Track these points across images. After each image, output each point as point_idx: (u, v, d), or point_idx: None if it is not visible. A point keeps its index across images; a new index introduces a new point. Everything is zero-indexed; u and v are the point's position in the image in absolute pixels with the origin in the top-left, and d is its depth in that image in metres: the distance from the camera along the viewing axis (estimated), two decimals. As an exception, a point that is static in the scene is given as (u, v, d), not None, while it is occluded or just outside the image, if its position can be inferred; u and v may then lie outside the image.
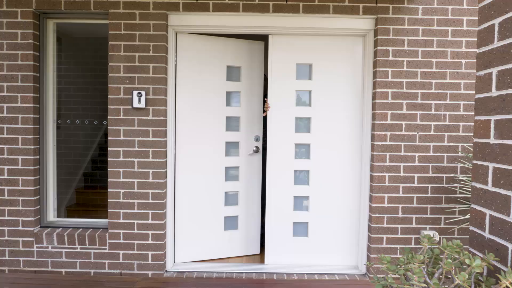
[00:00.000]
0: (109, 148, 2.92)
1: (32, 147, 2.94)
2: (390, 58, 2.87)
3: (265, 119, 3.41)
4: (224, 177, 3.28)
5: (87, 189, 4.63)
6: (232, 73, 3.28)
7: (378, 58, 2.87)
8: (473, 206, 1.25)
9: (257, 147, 3.31)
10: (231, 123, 3.30)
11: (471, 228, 1.27)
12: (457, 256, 1.08)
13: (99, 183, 4.50)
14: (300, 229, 3.16)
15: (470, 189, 2.74)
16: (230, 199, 3.35)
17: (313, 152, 3.09)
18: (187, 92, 3.09)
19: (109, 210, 2.94)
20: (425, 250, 1.13)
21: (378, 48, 2.87)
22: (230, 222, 3.35)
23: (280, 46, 3.05)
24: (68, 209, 3.86)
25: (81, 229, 3.05)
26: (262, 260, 3.25)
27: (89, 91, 4.40)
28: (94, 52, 4.07)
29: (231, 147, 3.33)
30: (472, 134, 2.90)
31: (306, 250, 3.15)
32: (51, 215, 3.15)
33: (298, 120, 3.11)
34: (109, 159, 2.92)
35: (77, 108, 4.42)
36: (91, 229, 3.04)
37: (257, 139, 3.33)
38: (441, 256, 1.15)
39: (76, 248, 2.96)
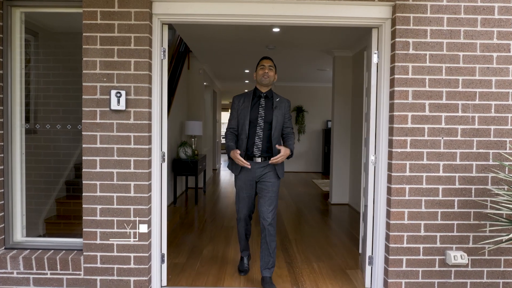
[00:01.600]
0: (83, 157, 2.51)
1: (-6, 156, 2.53)
2: (411, 51, 2.47)
3: None
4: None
5: (69, 199, 4.21)
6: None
7: (396, 52, 2.47)
8: None
9: None
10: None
11: None
12: None
13: (82, 193, 4.08)
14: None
15: (504, 203, 2.35)
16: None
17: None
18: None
19: (84, 229, 2.52)
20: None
21: (397, 39, 2.47)
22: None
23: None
24: (47, 222, 3.43)
25: (52, 251, 2.63)
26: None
27: (71, 91, 3.95)
28: (77, 49, 3.65)
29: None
30: (506, 139, 2.50)
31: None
32: (18, 234, 2.73)
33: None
34: (83, 170, 2.51)
35: (57, 111, 3.98)
36: (64, 251, 2.62)
37: None
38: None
39: (46, 274, 2.54)
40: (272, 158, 2.61)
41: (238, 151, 2.61)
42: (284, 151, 2.63)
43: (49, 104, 4.00)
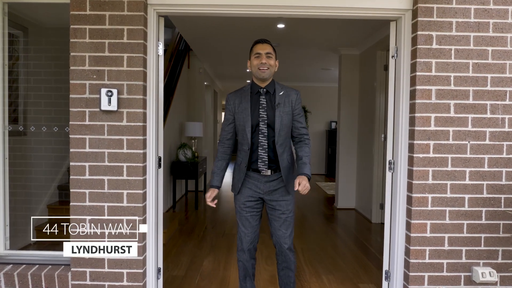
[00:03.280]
0: (71, 163, 2.27)
1: (-27, 161, 2.28)
2: (434, 46, 2.23)
3: None
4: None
5: (62, 205, 3.96)
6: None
7: (418, 46, 2.23)
8: None
9: None
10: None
11: None
12: None
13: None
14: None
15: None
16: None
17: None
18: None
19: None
20: None
21: (419, 33, 2.23)
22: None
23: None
24: (38, 230, 3.19)
25: (37, 266, 2.39)
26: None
27: (63, 90, 3.67)
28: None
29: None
30: (539, 143, 2.26)
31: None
32: (1, 247, 2.50)
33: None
34: (71, 177, 2.27)
35: (49, 111, 3.74)
36: (50, 266, 2.38)
37: None
38: None
39: (30, 292, 2.30)
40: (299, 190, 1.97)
41: (215, 192, 2.19)
42: (302, 182, 1.96)
43: (40, 104, 3.75)
